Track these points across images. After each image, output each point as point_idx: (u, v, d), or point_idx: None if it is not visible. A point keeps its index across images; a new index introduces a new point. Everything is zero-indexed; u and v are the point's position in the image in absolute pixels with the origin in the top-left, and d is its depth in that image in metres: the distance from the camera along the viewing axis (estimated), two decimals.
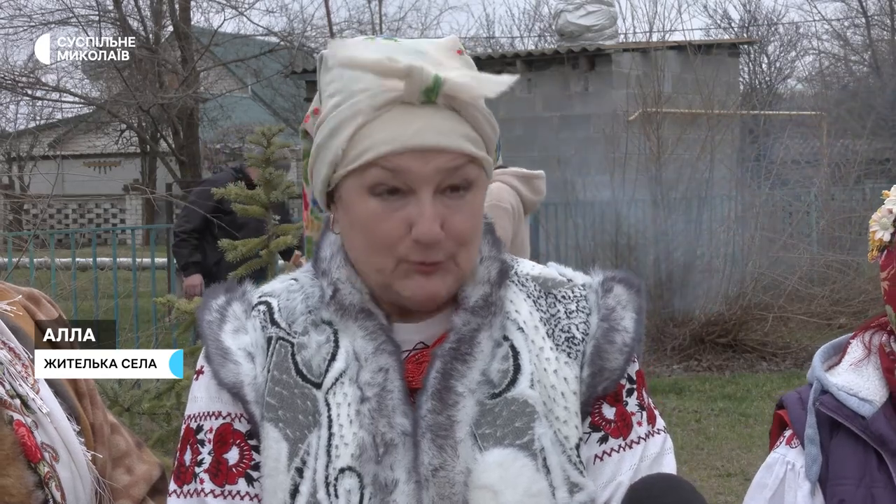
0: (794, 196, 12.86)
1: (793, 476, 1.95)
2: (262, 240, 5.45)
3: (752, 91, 23.65)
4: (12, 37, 20.13)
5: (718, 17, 34.07)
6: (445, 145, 1.58)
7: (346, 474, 1.58)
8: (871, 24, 29.20)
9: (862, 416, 1.91)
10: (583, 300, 1.70)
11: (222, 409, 1.66)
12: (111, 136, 25.15)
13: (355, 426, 1.60)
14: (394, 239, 1.58)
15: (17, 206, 12.86)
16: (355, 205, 1.61)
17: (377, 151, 1.57)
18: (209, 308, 1.71)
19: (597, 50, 14.29)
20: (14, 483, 1.65)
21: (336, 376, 1.63)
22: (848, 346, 2.04)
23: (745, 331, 10.68)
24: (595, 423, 1.66)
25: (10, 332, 1.78)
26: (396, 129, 1.57)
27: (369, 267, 1.63)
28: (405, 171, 1.57)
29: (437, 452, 1.58)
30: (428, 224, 1.56)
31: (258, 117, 24.64)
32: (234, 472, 1.64)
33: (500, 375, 1.63)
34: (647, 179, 11.27)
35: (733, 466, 7.08)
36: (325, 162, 1.62)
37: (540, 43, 28.15)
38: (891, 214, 1.98)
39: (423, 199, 1.57)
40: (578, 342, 1.67)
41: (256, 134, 5.54)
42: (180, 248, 8.08)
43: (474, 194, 1.63)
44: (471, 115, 1.61)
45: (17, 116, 24.58)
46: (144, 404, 5.22)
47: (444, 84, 1.57)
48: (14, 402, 1.70)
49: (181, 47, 19.11)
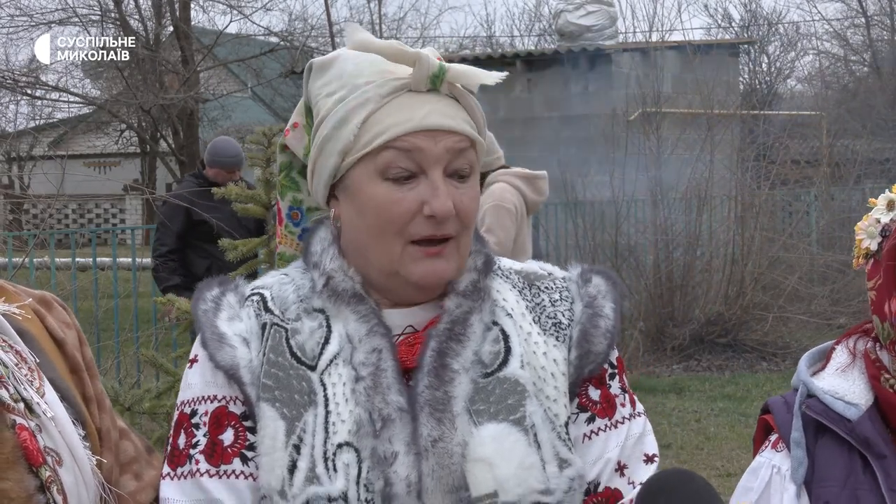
0: (794, 196, 12.87)
1: (778, 479, 1.95)
2: (262, 240, 5.45)
3: (752, 91, 23.65)
4: (12, 37, 20.15)
5: (718, 16, 34.05)
6: (453, 126, 1.69)
7: (344, 449, 1.65)
8: (871, 24, 29.20)
9: (848, 419, 1.92)
10: (565, 290, 1.80)
11: (217, 392, 1.72)
12: (111, 136, 25.15)
13: (351, 403, 1.67)
14: (406, 218, 1.68)
15: (16, 207, 12.87)
16: (366, 190, 1.70)
17: (391, 133, 1.67)
18: (204, 298, 1.77)
19: (597, 50, 14.31)
20: (13, 487, 1.65)
21: (330, 358, 1.70)
22: (832, 351, 2.05)
23: (745, 331, 10.69)
24: (582, 405, 1.76)
25: (16, 336, 1.78)
26: (408, 112, 1.68)
27: (376, 253, 1.71)
28: (417, 151, 1.67)
29: (435, 425, 1.64)
30: (443, 199, 1.67)
31: (258, 117, 24.61)
32: (229, 452, 1.70)
33: (491, 357, 1.72)
34: (647, 179, 11.27)
35: (733, 466, 7.08)
36: (333, 152, 1.71)
37: (540, 43, 28.16)
38: (878, 224, 1.98)
39: (434, 177, 1.68)
40: (565, 327, 1.77)
41: (257, 134, 5.54)
42: (159, 272, 7.92)
43: (474, 180, 1.74)
44: (467, 103, 1.74)
45: (17, 116, 24.60)
46: (145, 404, 5.22)
47: (448, 71, 1.70)
48: (18, 405, 1.70)
49: (181, 47, 19.12)
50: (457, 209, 1.68)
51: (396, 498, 1.62)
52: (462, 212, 1.69)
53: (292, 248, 1.91)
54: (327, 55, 1.79)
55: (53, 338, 1.85)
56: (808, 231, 12.81)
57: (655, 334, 10.56)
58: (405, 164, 1.67)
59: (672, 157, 11.43)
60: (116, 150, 26.26)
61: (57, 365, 1.82)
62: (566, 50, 14.27)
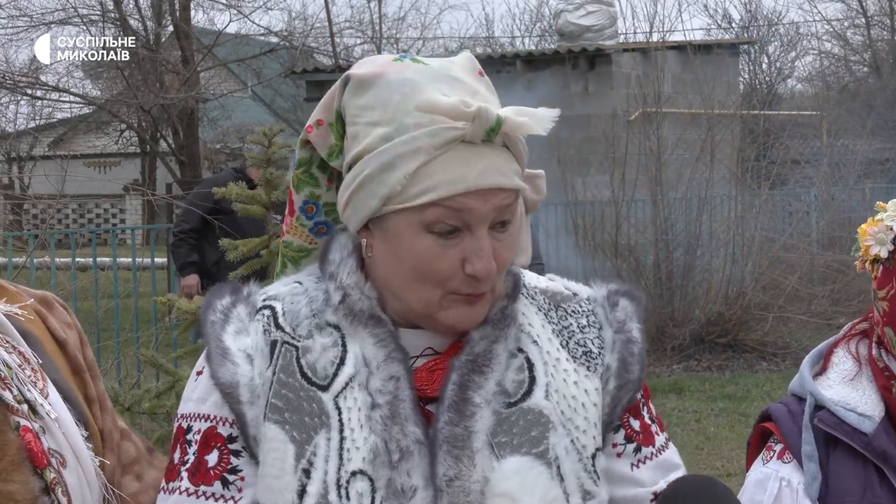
0: (794, 196, 12.86)
1: (790, 493, 1.91)
2: (262, 240, 5.45)
3: (752, 91, 23.62)
4: (12, 37, 20.14)
5: (719, 16, 34.03)
6: (505, 184, 1.62)
7: (358, 477, 1.60)
8: (871, 24, 29.20)
9: (864, 432, 1.88)
10: (591, 315, 1.74)
11: (209, 412, 1.69)
12: (111, 136, 25.15)
13: (366, 431, 1.61)
14: (448, 274, 1.61)
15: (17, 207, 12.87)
16: (406, 239, 1.61)
17: (442, 192, 1.58)
18: (213, 308, 1.72)
19: (597, 50, 14.30)
20: (19, 489, 1.65)
21: (346, 381, 1.64)
22: (832, 353, 2.00)
23: (745, 331, 10.68)
24: (628, 436, 1.72)
25: (19, 337, 1.77)
26: (461, 169, 1.59)
27: (412, 298, 1.64)
28: (467, 211, 1.59)
29: (452, 463, 1.60)
30: (486, 261, 1.60)
31: (258, 117, 24.61)
32: (211, 473, 1.66)
33: (515, 386, 1.66)
34: (647, 179, 11.27)
35: (733, 466, 7.07)
36: (375, 195, 1.61)
37: (540, 43, 28.14)
38: (890, 232, 1.93)
39: (480, 236, 1.61)
40: (596, 356, 1.71)
41: (257, 134, 5.54)
42: (178, 247, 8.04)
43: (514, 224, 1.67)
44: (518, 150, 1.66)
45: (17, 116, 24.60)
46: (144, 404, 5.22)
47: (504, 123, 1.61)
48: (21, 407, 1.70)
49: (182, 47, 19.12)
50: (496, 262, 1.62)
51: None
52: (501, 263, 1.63)
53: (301, 239, 1.83)
54: (367, 71, 1.66)
55: (55, 338, 1.84)
56: (809, 231, 12.80)
57: (655, 334, 10.55)
58: (452, 221, 1.59)
59: (672, 158, 11.43)
60: (116, 150, 26.26)
61: (59, 366, 1.82)
62: (566, 50, 14.26)
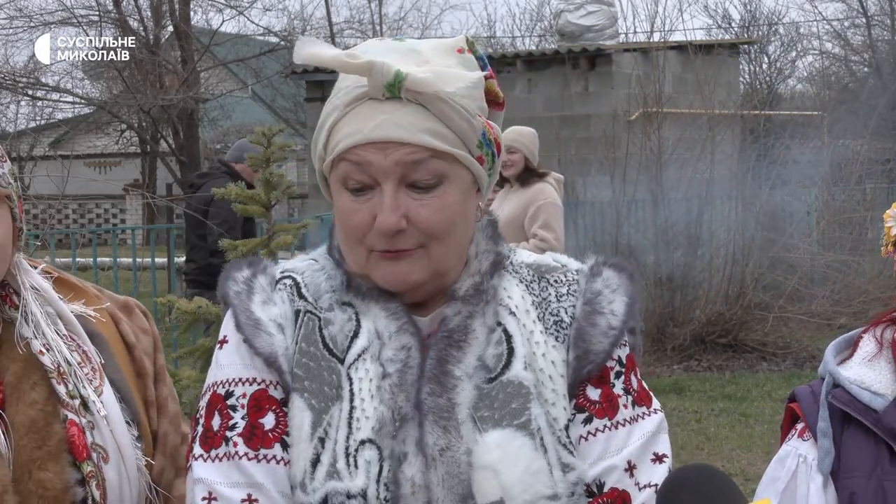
0: (794, 196, 12.84)
1: (805, 469, 1.94)
2: (262, 240, 5.44)
3: (753, 91, 23.61)
4: (12, 37, 20.13)
5: (719, 17, 34.02)
6: (404, 138, 1.62)
7: (367, 446, 1.63)
8: (871, 24, 29.17)
9: (874, 409, 1.90)
10: (574, 284, 1.75)
11: (257, 375, 1.68)
12: (111, 136, 25.15)
13: (376, 401, 1.64)
14: (363, 230, 1.65)
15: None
16: (336, 199, 1.69)
17: (343, 145, 1.64)
18: (234, 279, 1.73)
19: (597, 50, 14.30)
20: (51, 478, 1.71)
21: (358, 353, 1.67)
22: (860, 339, 2.02)
23: (746, 331, 10.68)
24: (579, 405, 1.70)
25: (86, 336, 1.86)
26: (360, 123, 1.63)
27: (349, 256, 1.70)
28: (367, 164, 1.62)
29: (441, 433, 1.62)
30: (386, 214, 1.62)
31: (258, 117, 24.61)
32: (269, 436, 1.66)
33: (494, 360, 1.68)
34: (647, 179, 11.26)
35: (733, 466, 7.07)
36: (314, 157, 1.71)
37: (541, 43, 28.12)
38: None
39: (385, 190, 1.63)
40: (566, 326, 1.71)
41: (257, 134, 5.53)
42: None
43: (446, 189, 1.66)
44: (439, 109, 1.63)
45: (17, 116, 24.58)
46: None
47: (405, 79, 1.60)
48: (73, 402, 1.77)
49: (181, 47, 19.11)
50: (413, 221, 1.63)
51: (402, 499, 1.60)
52: (421, 225, 1.64)
53: None
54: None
55: (125, 342, 1.92)
56: (809, 231, 12.79)
57: (656, 334, 10.55)
58: (358, 176, 1.64)
59: (673, 158, 11.42)
60: (117, 151, 26.26)
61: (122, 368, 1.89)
62: (566, 50, 14.26)
